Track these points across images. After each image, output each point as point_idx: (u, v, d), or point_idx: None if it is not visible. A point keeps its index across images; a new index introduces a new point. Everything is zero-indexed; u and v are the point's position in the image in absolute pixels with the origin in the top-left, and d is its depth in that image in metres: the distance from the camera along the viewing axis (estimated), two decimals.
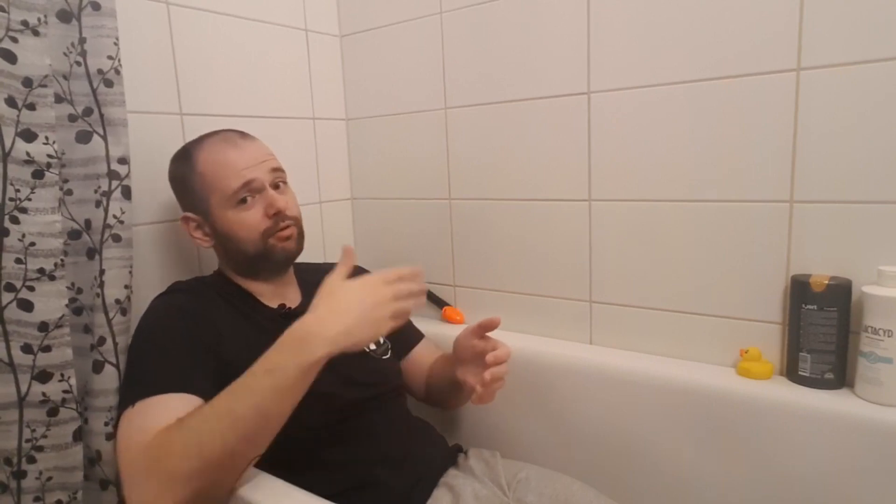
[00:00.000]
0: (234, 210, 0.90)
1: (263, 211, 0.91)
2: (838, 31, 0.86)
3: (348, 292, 0.75)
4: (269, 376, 0.70)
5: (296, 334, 0.72)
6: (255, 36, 1.22)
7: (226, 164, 0.90)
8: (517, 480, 0.95)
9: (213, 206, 0.91)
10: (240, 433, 0.69)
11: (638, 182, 1.06)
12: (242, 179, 0.89)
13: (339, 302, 0.75)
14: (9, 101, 0.70)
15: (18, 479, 0.75)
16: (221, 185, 0.90)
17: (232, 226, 0.91)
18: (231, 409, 0.69)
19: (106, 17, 0.81)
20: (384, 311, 0.74)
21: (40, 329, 0.73)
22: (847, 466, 0.86)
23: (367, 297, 0.74)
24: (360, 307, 0.74)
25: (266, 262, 0.93)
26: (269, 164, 0.93)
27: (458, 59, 1.24)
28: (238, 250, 0.92)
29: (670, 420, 1.00)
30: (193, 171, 0.92)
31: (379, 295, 0.75)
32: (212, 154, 0.91)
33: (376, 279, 0.77)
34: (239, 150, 0.92)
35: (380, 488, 0.87)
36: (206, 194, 0.91)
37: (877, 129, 0.85)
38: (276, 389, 0.70)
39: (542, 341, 1.19)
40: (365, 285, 0.76)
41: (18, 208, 0.71)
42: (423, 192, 1.35)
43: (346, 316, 0.73)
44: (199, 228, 0.95)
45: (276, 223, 0.92)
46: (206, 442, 0.68)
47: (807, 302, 0.90)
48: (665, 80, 1.00)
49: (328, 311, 0.74)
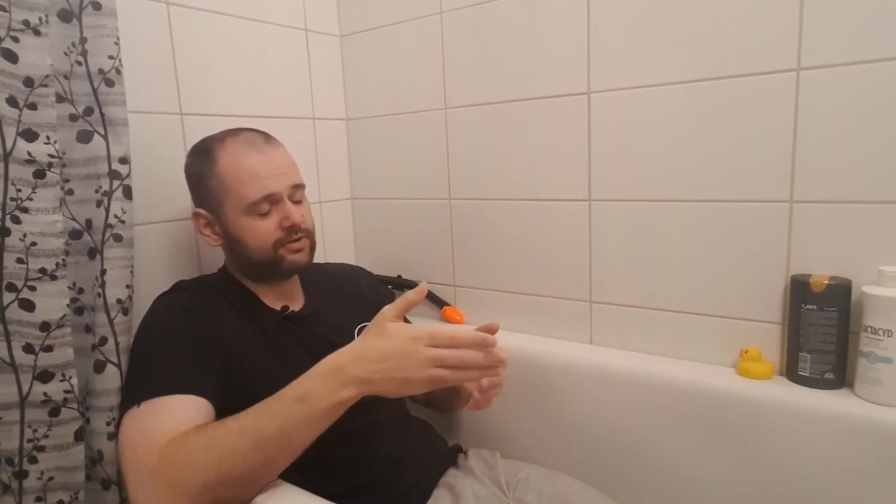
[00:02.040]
0: (249, 218, 0.89)
1: (278, 222, 0.90)
2: (838, 31, 0.86)
3: (394, 339, 0.70)
4: (298, 404, 0.69)
5: (331, 366, 0.71)
6: (255, 36, 1.22)
7: (247, 171, 0.88)
8: (517, 480, 0.95)
9: (228, 209, 0.89)
10: (261, 455, 0.68)
11: (638, 182, 1.06)
12: (263, 192, 0.87)
13: (381, 346, 0.70)
14: (10, 101, 0.70)
15: (20, 479, 0.75)
16: (240, 191, 0.88)
17: (244, 232, 0.89)
18: (258, 429, 0.68)
19: (107, 17, 0.81)
20: (419, 373, 0.68)
21: (42, 329, 0.73)
22: (847, 466, 0.86)
23: (408, 352, 0.69)
24: (396, 360, 0.69)
25: (272, 270, 0.92)
26: (291, 179, 0.91)
27: (458, 59, 1.24)
28: (245, 255, 0.92)
29: (670, 420, 1.00)
30: (212, 171, 0.90)
31: (421, 354, 0.68)
32: (233, 156, 0.89)
33: (425, 335, 0.70)
34: (262, 156, 0.89)
35: (380, 488, 0.87)
36: (221, 196, 0.89)
37: (877, 129, 0.85)
38: (303, 418, 0.69)
39: (542, 341, 1.19)
40: (411, 338, 0.70)
41: (20, 208, 0.71)
42: (423, 192, 1.35)
43: (381, 364, 0.69)
44: (209, 226, 0.94)
45: (288, 235, 0.90)
46: (228, 458, 0.67)
47: (807, 302, 0.90)
48: (665, 80, 1.00)
49: (367, 350, 0.71)
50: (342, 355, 0.72)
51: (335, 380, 0.70)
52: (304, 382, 0.71)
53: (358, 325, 1.02)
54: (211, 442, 0.69)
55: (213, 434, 0.70)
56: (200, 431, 0.71)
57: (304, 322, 0.95)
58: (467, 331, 0.70)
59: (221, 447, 0.68)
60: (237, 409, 0.79)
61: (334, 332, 0.97)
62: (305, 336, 0.94)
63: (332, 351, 0.95)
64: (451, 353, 0.69)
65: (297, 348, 0.92)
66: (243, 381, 0.83)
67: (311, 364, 0.91)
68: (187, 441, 0.70)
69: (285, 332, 0.92)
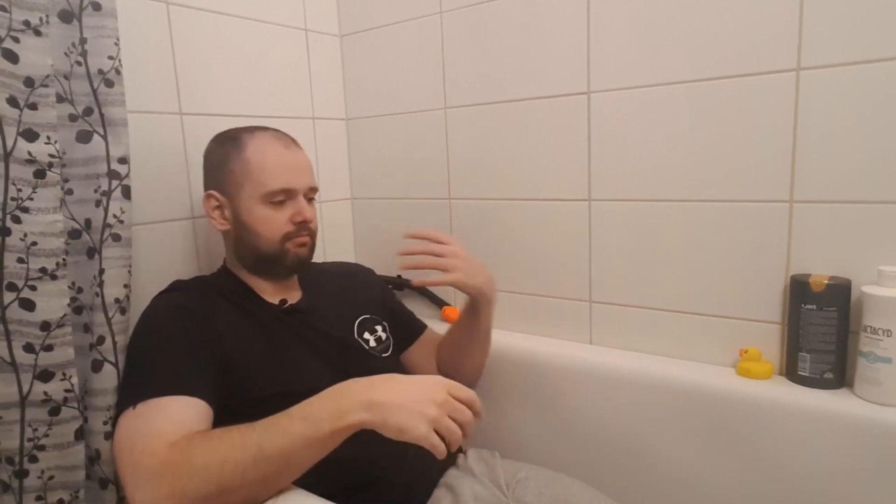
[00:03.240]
0: (264, 206, 0.91)
1: (291, 216, 0.92)
2: (838, 31, 0.86)
3: (416, 379, 0.72)
4: (302, 423, 0.69)
5: (342, 388, 0.71)
6: (255, 36, 1.22)
7: (274, 160, 0.92)
8: (517, 480, 0.95)
9: (245, 194, 0.92)
10: (260, 471, 0.68)
11: (638, 182, 1.06)
12: (284, 184, 0.91)
13: (396, 379, 0.72)
14: (10, 101, 0.70)
15: (20, 478, 0.75)
16: (262, 178, 0.91)
17: (256, 220, 0.92)
18: (260, 444, 0.68)
19: (107, 18, 0.81)
20: (428, 411, 0.67)
21: (42, 328, 0.73)
22: (846, 466, 0.86)
23: (421, 392, 0.69)
24: (409, 395, 0.69)
25: (276, 263, 0.94)
26: (309, 181, 0.96)
27: (458, 59, 1.24)
28: (252, 244, 0.93)
29: (670, 420, 1.00)
30: (240, 154, 0.92)
31: (434, 394, 0.69)
32: (264, 146, 0.93)
33: (439, 383, 0.72)
34: (289, 151, 0.94)
35: (379, 488, 0.87)
36: (242, 180, 0.92)
37: (877, 129, 0.85)
38: (305, 438, 0.68)
39: (542, 341, 1.19)
40: (426, 380, 0.72)
41: (20, 208, 0.71)
42: (423, 192, 1.35)
43: (392, 395, 0.69)
44: (219, 209, 0.95)
45: (297, 230, 0.93)
46: (228, 471, 0.67)
47: (806, 302, 0.90)
48: (665, 80, 1.00)
49: (381, 380, 0.72)
50: (356, 381, 0.72)
51: (342, 404, 0.69)
52: (313, 401, 0.71)
53: (357, 319, 1.02)
54: (213, 455, 0.68)
55: (218, 445, 0.69)
56: (204, 441, 0.70)
57: (302, 316, 0.96)
58: (467, 390, 0.73)
59: (223, 461, 0.67)
60: (235, 407, 0.79)
61: (332, 326, 0.98)
62: (303, 330, 0.94)
63: (330, 345, 0.96)
64: (458, 406, 0.70)
65: (295, 342, 0.92)
66: (240, 379, 0.83)
67: (310, 358, 0.92)
68: (190, 449, 0.69)
69: (283, 326, 0.93)
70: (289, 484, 0.72)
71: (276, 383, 0.85)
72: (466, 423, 0.70)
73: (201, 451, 0.69)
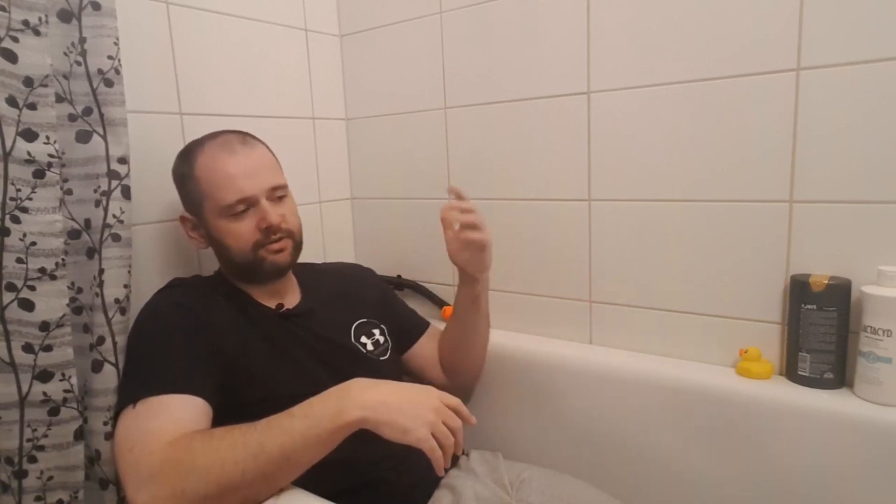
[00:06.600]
0: (226, 220, 0.89)
1: (256, 224, 0.89)
2: (838, 31, 0.86)
3: (416, 387, 0.75)
4: (304, 421, 0.69)
5: (344, 388, 0.72)
6: (255, 36, 1.22)
7: (221, 174, 0.88)
8: (520, 481, 0.95)
9: (207, 211, 0.90)
10: (260, 469, 0.68)
11: (638, 182, 1.06)
12: (238, 194, 0.88)
13: (395, 384, 0.74)
14: (10, 101, 0.70)
15: (20, 478, 0.75)
16: (216, 194, 0.88)
17: (223, 234, 0.90)
18: (261, 443, 0.68)
19: (106, 17, 0.81)
20: (426, 415, 0.70)
21: (41, 328, 0.73)
22: (846, 466, 0.86)
23: (418, 397, 0.72)
24: (407, 399, 0.72)
25: (255, 271, 0.92)
26: (267, 181, 0.90)
27: (458, 59, 1.24)
28: (228, 257, 0.92)
29: (670, 420, 1.00)
30: (191, 174, 0.91)
31: (429, 400, 0.72)
32: (209, 160, 0.90)
33: (431, 390, 0.75)
34: (235, 157, 0.89)
35: (381, 488, 0.87)
36: (200, 199, 0.90)
37: (877, 129, 0.85)
38: (305, 436, 0.69)
39: (542, 341, 1.19)
40: (419, 387, 0.75)
41: (19, 208, 0.71)
42: (423, 192, 1.35)
43: (393, 397, 0.71)
44: (194, 229, 0.95)
45: (266, 236, 0.90)
46: (228, 470, 0.67)
47: (806, 302, 0.90)
48: (665, 80, 1.00)
49: (382, 382, 0.74)
50: (358, 380, 0.73)
51: (343, 402, 0.70)
52: (314, 400, 0.71)
53: (355, 323, 1.02)
54: (215, 454, 0.68)
55: (218, 445, 0.69)
56: (205, 440, 0.70)
57: (299, 319, 0.96)
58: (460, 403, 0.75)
59: (223, 459, 0.67)
60: (235, 406, 0.79)
61: (330, 329, 0.97)
62: (301, 333, 0.94)
63: (329, 348, 0.95)
64: (451, 416, 0.72)
65: (294, 345, 0.92)
66: (240, 377, 0.83)
67: (308, 361, 0.92)
68: (191, 448, 0.69)
69: (281, 330, 0.93)
70: (289, 483, 0.72)
71: (273, 385, 0.85)
72: (457, 429, 0.72)
73: (202, 449, 0.69)
